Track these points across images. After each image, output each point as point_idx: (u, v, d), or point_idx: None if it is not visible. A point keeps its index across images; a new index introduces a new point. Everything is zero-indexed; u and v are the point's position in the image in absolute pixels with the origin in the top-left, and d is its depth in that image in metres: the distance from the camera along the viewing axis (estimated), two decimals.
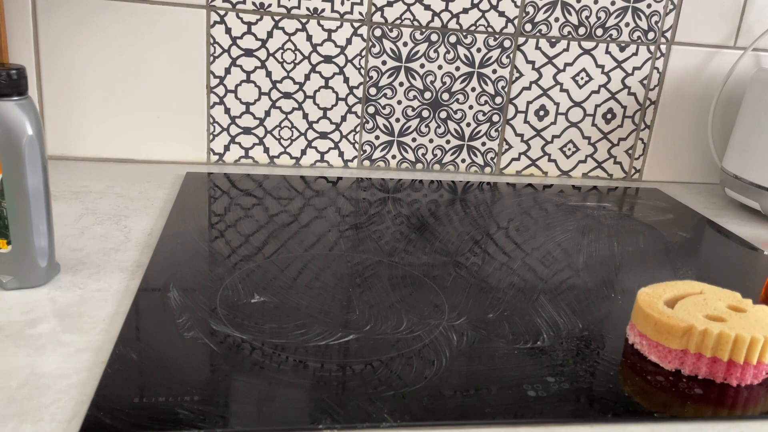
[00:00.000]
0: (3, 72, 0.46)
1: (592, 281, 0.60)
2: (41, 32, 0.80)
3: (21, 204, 0.49)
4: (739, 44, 0.93)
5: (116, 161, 0.86)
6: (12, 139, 0.47)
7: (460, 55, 0.88)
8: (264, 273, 0.56)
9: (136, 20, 0.81)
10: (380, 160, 0.92)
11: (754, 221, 0.83)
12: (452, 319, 0.51)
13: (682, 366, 0.46)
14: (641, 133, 0.96)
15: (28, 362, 0.42)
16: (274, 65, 0.85)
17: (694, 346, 0.45)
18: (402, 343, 0.47)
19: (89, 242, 0.61)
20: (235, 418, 0.38)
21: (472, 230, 0.71)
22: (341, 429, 0.38)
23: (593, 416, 0.41)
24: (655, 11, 0.90)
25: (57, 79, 0.82)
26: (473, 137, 0.93)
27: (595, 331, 0.51)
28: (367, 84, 0.88)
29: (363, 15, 0.85)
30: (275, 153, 0.89)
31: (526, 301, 0.55)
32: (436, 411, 0.40)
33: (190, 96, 0.85)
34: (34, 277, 0.51)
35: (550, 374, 0.45)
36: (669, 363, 0.46)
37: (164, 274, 0.54)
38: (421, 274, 0.59)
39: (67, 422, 0.37)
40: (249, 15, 0.83)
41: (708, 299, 0.49)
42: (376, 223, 0.70)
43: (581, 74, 0.92)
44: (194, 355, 0.43)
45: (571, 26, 0.89)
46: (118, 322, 0.47)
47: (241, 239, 0.63)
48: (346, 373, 0.43)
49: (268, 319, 0.49)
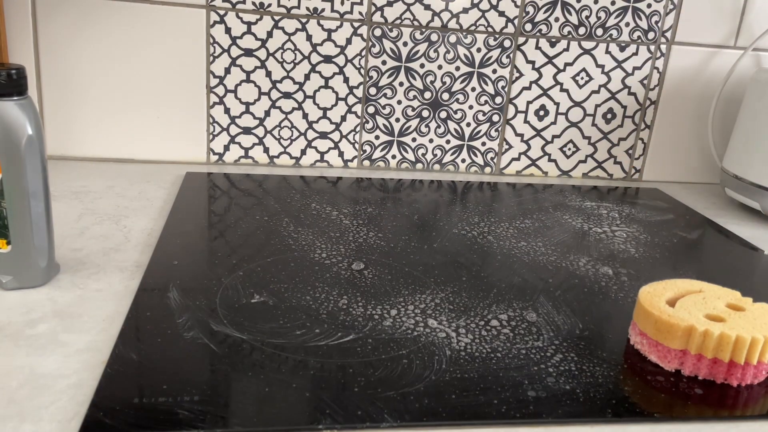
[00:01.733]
0: (3, 72, 0.46)
1: (592, 281, 0.60)
2: (41, 32, 0.80)
3: (21, 204, 0.49)
4: (739, 44, 0.93)
5: (116, 161, 0.86)
6: (12, 139, 0.47)
7: (460, 55, 0.88)
8: (264, 273, 0.56)
9: (136, 20, 0.81)
10: (380, 160, 0.92)
11: (754, 221, 0.83)
12: (452, 319, 0.51)
13: (682, 366, 0.46)
14: (641, 133, 0.96)
15: (28, 362, 0.42)
16: (274, 65, 0.85)
17: (695, 347, 0.45)
18: (402, 343, 0.47)
19: (89, 242, 0.61)
20: (235, 418, 0.38)
21: (472, 230, 0.71)
22: (341, 429, 0.38)
23: (593, 416, 0.41)
24: (655, 11, 0.90)
25: (57, 79, 0.82)
26: (473, 137, 0.93)
27: (595, 332, 0.51)
28: (367, 84, 0.88)
29: (363, 15, 0.85)
30: (275, 153, 0.89)
31: (526, 301, 0.55)
32: (436, 411, 0.40)
33: (190, 96, 0.85)
34: (34, 277, 0.51)
35: (550, 374, 0.45)
36: (669, 363, 0.46)
37: (164, 274, 0.54)
38: (421, 274, 0.59)
39: (67, 422, 0.37)
40: (249, 15, 0.83)
41: (707, 298, 0.49)
42: (375, 224, 0.70)
43: (581, 74, 0.92)
44: (194, 355, 0.43)
45: (571, 26, 0.89)
46: (118, 322, 0.47)
47: (241, 239, 0.63)
48: (346, 373, 0.43)
49: (268, 319, 0.49)
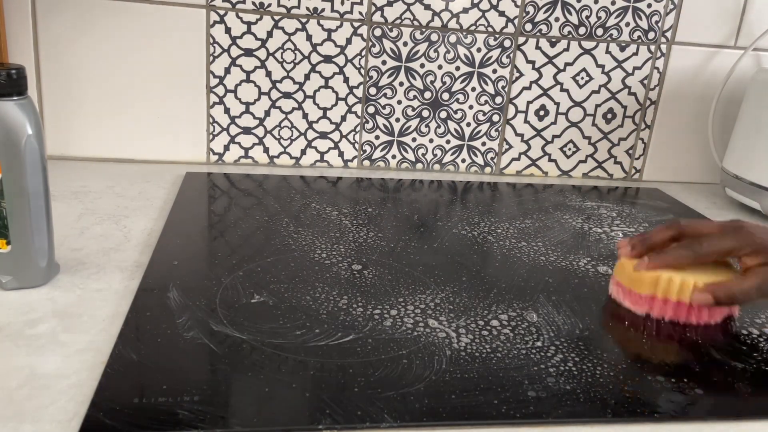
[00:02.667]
0: (3, 72, 0.46)
1: (592, 281, 0.60)
2: (41, 32, 0.80)
3: (21, 204, 0.49)
4: (739, 44, 0.93)
5: (116, 161, 0.86)
6: (12, 139, 0.47)
7: (460, 54, 0.88)
8: (264, 273, 0.56)
9: (136, 20, 0.81)
10: (380, 160, 0.92)
11: (754, 221, 0.83)
12: (452, 319, 0.51)
13: (651, 310, 0.53)
14: (641, 133, 0.96)
15: (27, 362, 0.42)
16: (273, 65, 0.85)
17: (661, 292, 0.52)
18: (402, 343, 0.47)
19: (89, 242, 0.61)
20: (235, 418, 0.38)
21: (472, 230, 0.71)
22: (341, 429, 0.38)
23: (593, 416, 0.41)
24: (655, 11, 0.90)
25: (57, 79, 0.82)
26: (473, 137, 0.93)
27: (595, 332, 0.51)
28: (367, 84, 0.88)
29: (363, 15, 0.85)
30: (275, 153, 0.89)
31: (526, 301, 0.55)
32: (436, 411, 0.40)
33: (190, 96, 0.85)
34: (34, 277, 0.51)
35: (550, 374, 0.45)
36: (640, 308, 0.54)
37: (164, 274, 0.54)
38: (421, 274, 0.59)
39: (67, 422, 0.37)
40: (249, 15, 0.83)
41: None
42: (375, 224, 0.70)
43: (581, 74, 0.92)
44: (194, 355, 0.43)
45: (571, 26, 0.89)
46: (118, 322, 0.47)
47: (241, 239, 0.63)
48: (346, 373, 0.43)
49: (268, 319, 0.49)
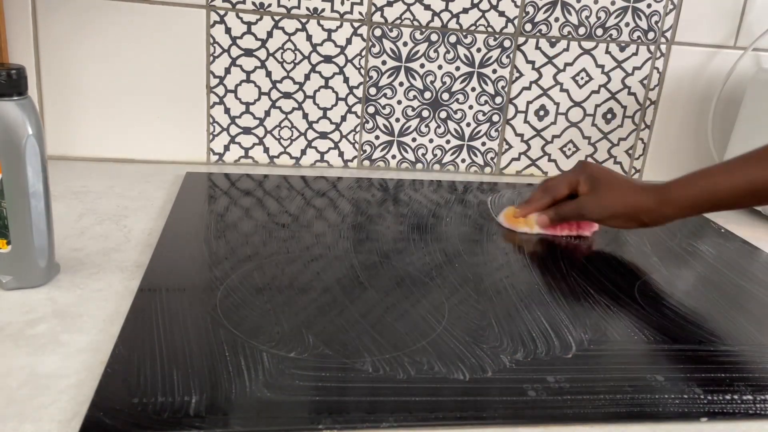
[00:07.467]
0: (3, 72, 0.46)
1: (591, 282, 0.60)
2: (41, 32, 0.80)
3: (21, 204, 0.49)
4: (739, 44, 0.93)
5: (116, 161, 0.86)
6: (12, 139, 0.47)
7: (460, 55, 0.88)
8: (264, 273, 0.56)
9: (136, 20, 0.81)
10: (380, 160, 0.92)
11: (754, 221, 0.83)
12: (452, 319, 0.51)
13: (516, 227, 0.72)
14: (641, 133, 0.96)
15: (28, 362, 0.42)
16: (274, 65, 0.85)
17: (527, 226, 0.71)
18: (402, 343, 0.47)
19: (89, 242, 0.61)
20: (235, 418, 0.38)
21: (472, 230, 0.71)
22: (341, 429, 0.38)
23: (593, 416, 0.41)
24: (655, 11, 0.90)
25: (57, 79, 0.82)
26: (473, 137, 0.93)
27: (595, 332, 0.51)
28: (367, 84, 0.88)
29: (363, 15, 0.85)
30: (275, 153, 0.89)
31: (526, 301, 0.55)
32: (436, 411, 0.40)
33: (190, 96, 0.85)
34: (34, 277, 0.51)
35: (550, 374, 0.45)
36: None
37: (164, 274, 0.54)
38: (421, 275, 0.59)
39: (67, 422, 0.37)
40: (249, 15, 0.83)
41: None
42: (375, 224, 0.70)
43: (581, 74, 0.92)
44: (194, 355, 0.43)
45: (571, 26, 0.89)
46: (118, 322, 0.47)
47: (241, 239, 0.63)
48: (347, 373, 0.43)
49: (268, 319, 0.49)
